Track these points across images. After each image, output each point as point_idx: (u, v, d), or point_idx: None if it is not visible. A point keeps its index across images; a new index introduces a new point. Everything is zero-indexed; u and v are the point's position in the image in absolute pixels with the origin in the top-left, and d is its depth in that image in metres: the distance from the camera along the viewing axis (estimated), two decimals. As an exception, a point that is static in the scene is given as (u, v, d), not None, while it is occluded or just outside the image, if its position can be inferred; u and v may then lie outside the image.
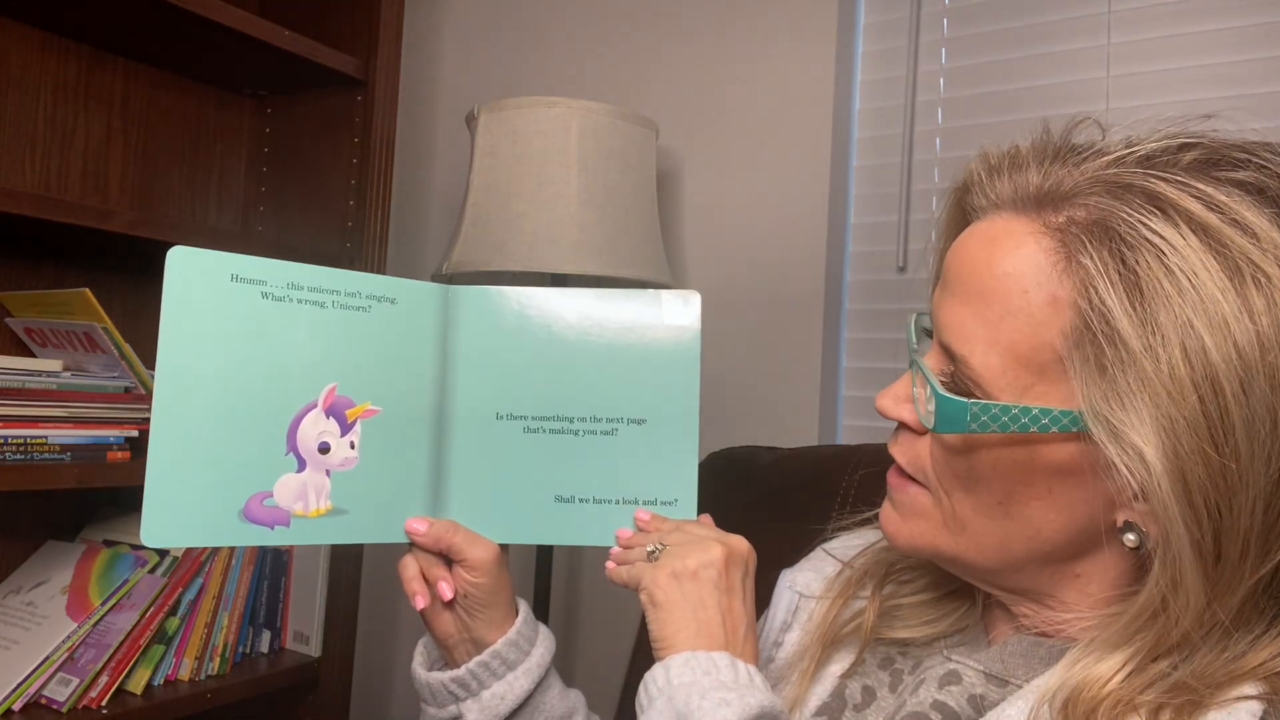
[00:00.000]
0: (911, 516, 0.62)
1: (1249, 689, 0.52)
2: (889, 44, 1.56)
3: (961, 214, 0.63)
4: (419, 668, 0.77)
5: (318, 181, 1.54)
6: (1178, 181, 0.53)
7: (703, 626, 0.64)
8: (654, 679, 0.62)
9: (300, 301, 0.70)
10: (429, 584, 0.74)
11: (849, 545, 0.77)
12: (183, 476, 0.65)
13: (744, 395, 1.57)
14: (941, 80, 1.52)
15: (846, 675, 0.68)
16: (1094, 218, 0.53)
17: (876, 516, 0.76)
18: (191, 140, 1.58)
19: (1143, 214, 0.52)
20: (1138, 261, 0.51)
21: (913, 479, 0.62)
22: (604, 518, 0.74)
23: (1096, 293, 0.52)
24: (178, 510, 0.65)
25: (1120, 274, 0.51)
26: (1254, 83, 1.30)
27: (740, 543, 0.69)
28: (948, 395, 0.55)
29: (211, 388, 0.67)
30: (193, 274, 0.67)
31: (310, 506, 0.70)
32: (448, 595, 0.72)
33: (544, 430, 0.75)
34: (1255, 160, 0.54)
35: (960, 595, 0.68)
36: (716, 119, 1.63)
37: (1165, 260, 0.50)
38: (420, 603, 0.74)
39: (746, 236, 1.60)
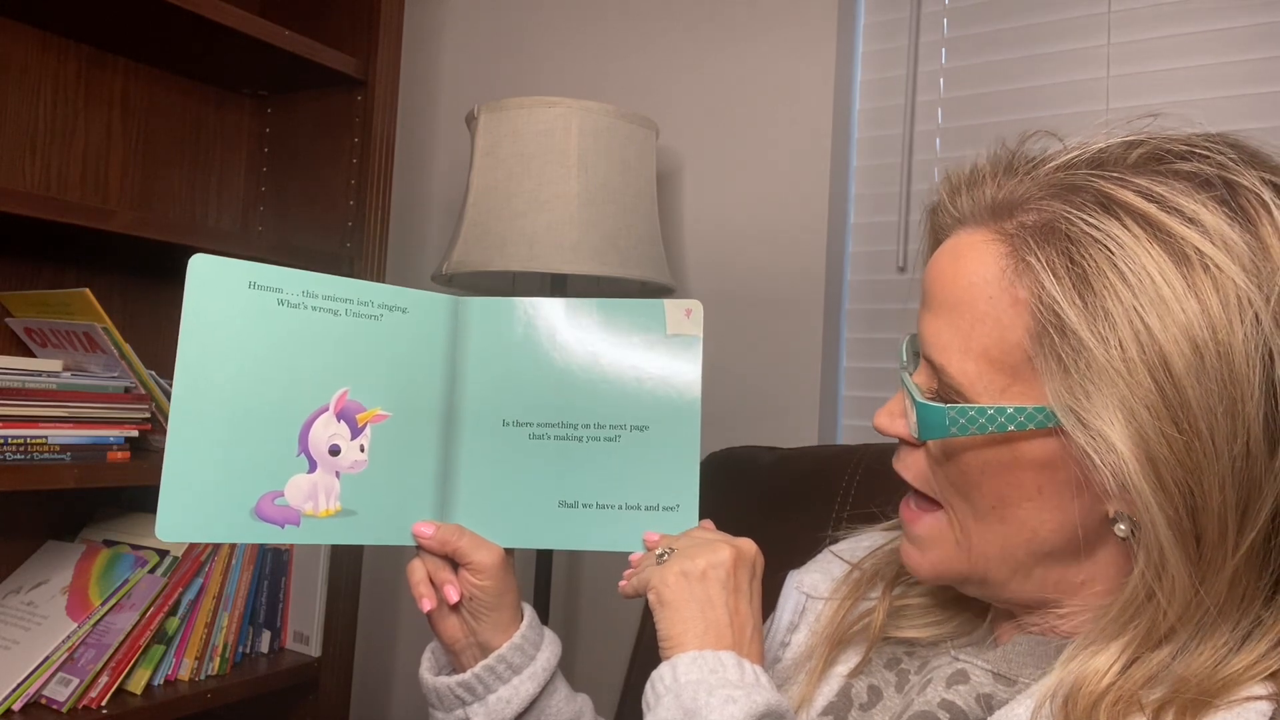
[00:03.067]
0: (929, 546, 0.63)
1: (1258, 689, 0.52)
2: (889, 44, 1.56)
3: (935, 237, 0.65)
4: (426, 673, 0.78)
5: (318, 181, 1.54)
6: (1118, 178, 0.55)
7: (710, 626, 0.64)
8: (660, 677, 0.63)
9: (314, 309, 0.72)
10: (435, 587, 0.74)
11: (856, 547, 0.77)
12: (197, 474, 0.67)
13: (744, 395, 1.57)
14: (941, 80, 1.52)
15: (853, 675, 0.69)
16: (1041, 220, 0.56)
17: (881, 516, 0.77)
18: (191, 140, 1.58)
19: (1085, 211, 0.54)
20: (1083, 255, 0.53)
21: (923, 505, 0.64)
22: (607, 523, 0.75)
23: (1045, 289, 0.54)
24: (192, 506, 0.67)
25: (1068, 269, 0.53)
26: (1254, 83, 1.30)
27: (748, 545, 0.69)
28: (925, 402, 0.58)
29: (227, 389, 0.69)
30: (212, 281, 0.69)
31: (320, 507, 0.71)
32: (453, 598, 0.73)
33: (549, 437, 0.76)
34: (1197, 152, 0.55)
35: (968, 598, 0.68)
36: (716, 119, 1.63)
37: (1109, 252, 0.53)
38: (427, 605, 0.74)
39: (746, 236, 1.60)
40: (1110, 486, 0.54)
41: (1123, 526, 0.56)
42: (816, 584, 0.76)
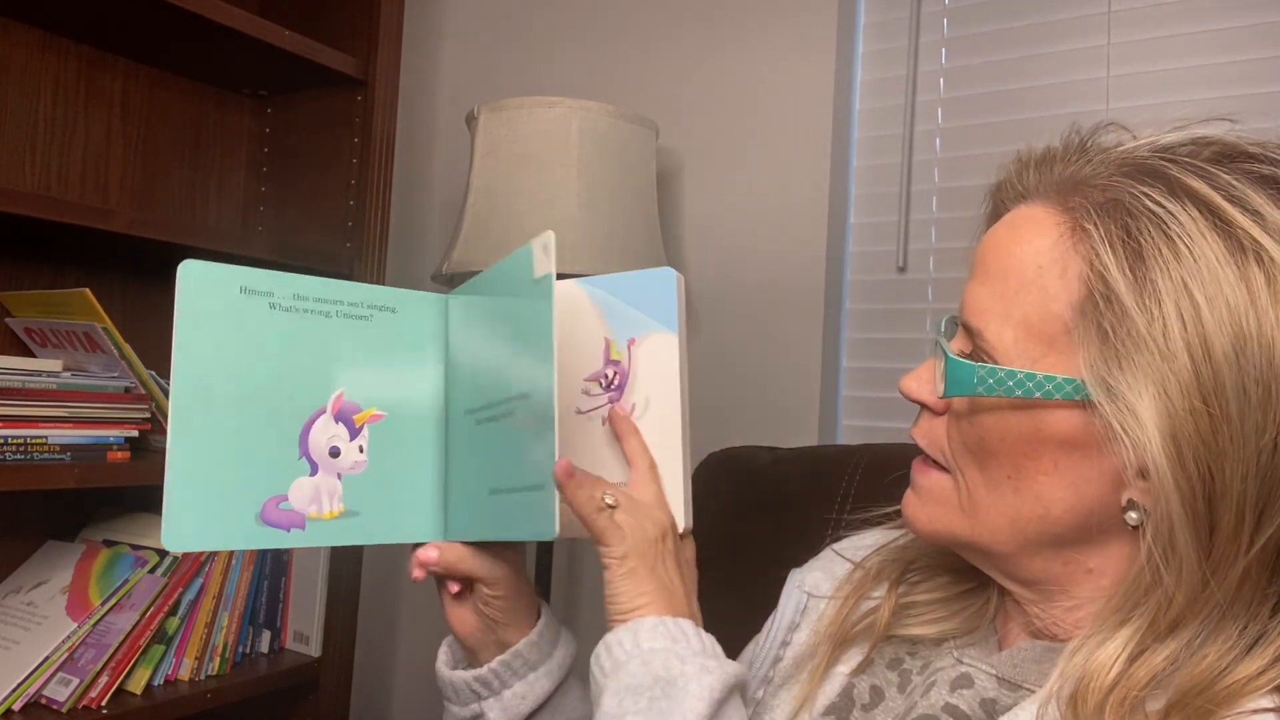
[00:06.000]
0: (931, 501, 0.63)
1: (1265, 701, 0.51)
2: (889, 44, 1.56)
3: (996, 212, 0.65)
4: (443, 666, 0.77)
5: (318, 181, 1.54)
6: (1190, 165, 0.55)
7: (671, 596, 0.65)
8: (619, 643, 0.62)
9: (306, 311, 0.71)
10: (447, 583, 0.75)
11: (859, 545, 0.77)
12: (201, 482, 0.67)
13: (744, 395, 1.57)
14: (941, 80, 1.52)
15: (855, 674, 0.69)
16: (1107, 196, 0.56)
17: (886, 516, 0.76)
18: (191, 140, 1.58)
19: (1149, 188, 0.54)
20: (1140, 230, 0.53)
21: (935, 466, 0.63)
22: (525, 508, 0.66)
23: (1099, 257, 0.54)
24: (197, 515, 0.66)
25: (1123, 241, 0.54)
26: (1254, 83, 1.30)
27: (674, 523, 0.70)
28: (957, 359, 0.58)
29: (225, 396, 0.68)
30: (204, 286, 0.68)
31: (324, 509, 0.71)
32: (454, 589, 0.73)
33: (482, 421, 0.71)
34: (1269, 156, 0.56)
35: (973, 594, 0.68)
36: (716, 119, 1.63)
37: (1166, 229, 0.53)
38: (418, 574, 0.72)
39: (746, 236, 1.60)
40: (1129, 464, 0.53)
41: (1134, 515, 0.56)
42: (819, 583, 0.76)
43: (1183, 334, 0.52)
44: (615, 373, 0.75)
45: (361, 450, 0.72)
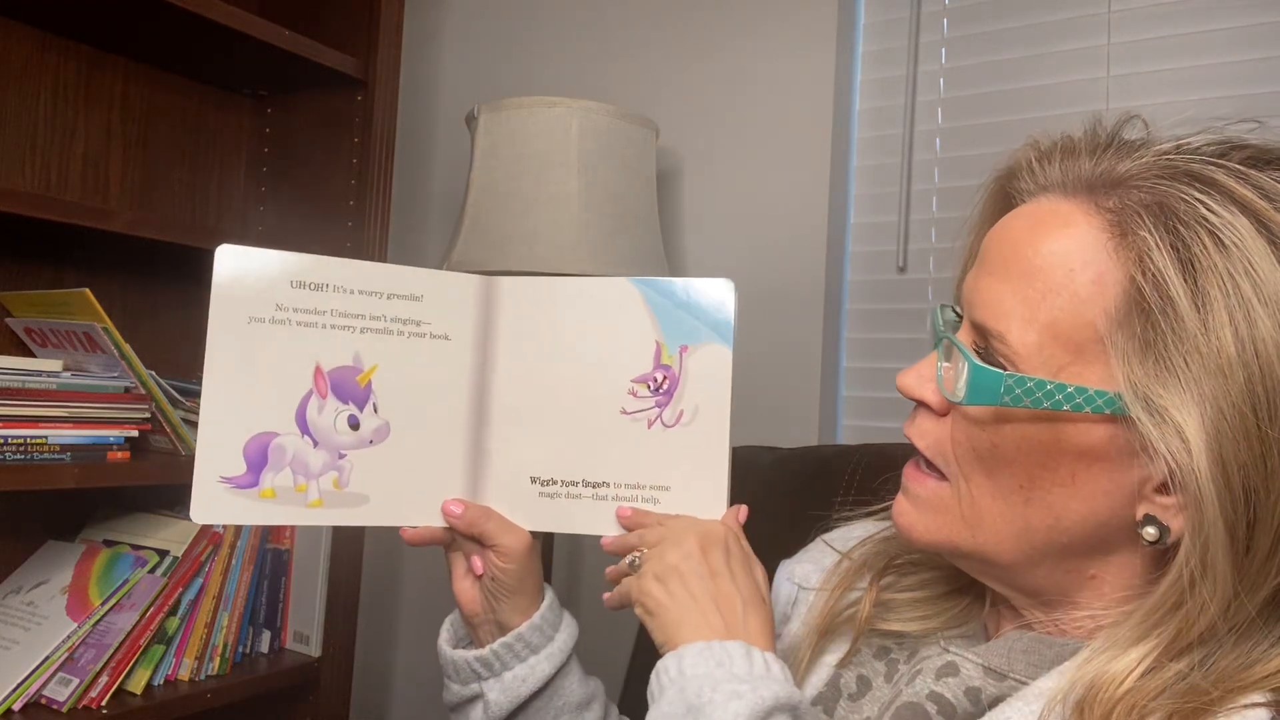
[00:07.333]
0: (928, 510, 0.61)
1: (1258, 697, 0.51)
2: (889, 44, 1.56)
3: (1003, 200, 0.63)
4: (444, 644, 0.78)
5: (318, 181, 1.54)
6: (1235, 170, 0.53)
7: (702, 618, 0.62)
8: (665, 669, 0.61)
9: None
10: (464, 556, 0.75)
11: (849, 536, 0.76)
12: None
13: (744, 395, 1.56)
14: (941, 80, 1.52)
15: (841, 665, 0.68)
16: (1150, 199, 0.54)
17: (880, 510, 0.76)
18: (191, 140, 1.58)
19: (1199, 194, 0.52)
20: (1191, 239, 0.51)
21: (930, 472, 0.61)
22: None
23: (1153, 263, 0.52)
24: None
25: (1175, 248, 0.51)
26: (1254, 83, 1.30)
27: (714, 526, 0.68)
28: (983, 365, 0.55)
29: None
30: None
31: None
32: (479, 569, 0.74)
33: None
34: None
35: (960, 594, 0.67)
36: (716, 119, 1.63)
37: (1220, 239, 0.51)
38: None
39: (746, 236, 1.60)
40: (1165, 480, 0.52)
41: (1152, 531, 0.54)
42: (808, 575, 0.76)
43: (1238, 351, 0.49)
44: (665, 378, 0.74)
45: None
